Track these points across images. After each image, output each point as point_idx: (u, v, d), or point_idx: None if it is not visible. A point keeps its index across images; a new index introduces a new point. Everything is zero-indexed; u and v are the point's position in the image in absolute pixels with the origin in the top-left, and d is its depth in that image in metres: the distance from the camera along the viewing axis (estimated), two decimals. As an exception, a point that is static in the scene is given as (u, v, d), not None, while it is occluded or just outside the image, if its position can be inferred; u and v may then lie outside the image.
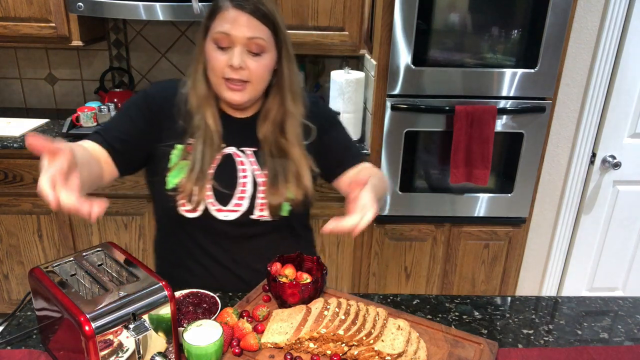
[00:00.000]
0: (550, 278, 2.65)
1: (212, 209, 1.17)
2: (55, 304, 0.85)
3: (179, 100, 1.18)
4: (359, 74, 2.19)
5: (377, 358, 0.94)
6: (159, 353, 0.89)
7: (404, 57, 1.99)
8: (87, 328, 0.78)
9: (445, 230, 2.27)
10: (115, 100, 2.38)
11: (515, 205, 2.23)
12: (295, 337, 0.96)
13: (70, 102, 2.65)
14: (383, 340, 0.96)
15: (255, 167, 1.20)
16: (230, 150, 1.20)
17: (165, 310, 0.88)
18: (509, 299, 1.22)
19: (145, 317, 0.85)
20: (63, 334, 0.87)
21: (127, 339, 0.84)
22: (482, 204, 2.22)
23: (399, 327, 1.00)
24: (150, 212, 2.20)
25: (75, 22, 2.20)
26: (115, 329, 0.82)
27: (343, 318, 1.00)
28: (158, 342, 0.89)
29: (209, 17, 1.13)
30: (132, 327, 0.83)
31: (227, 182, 1.18)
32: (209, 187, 1.16)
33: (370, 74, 2.16)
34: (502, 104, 2.07)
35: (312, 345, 0.97)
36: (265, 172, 1.19)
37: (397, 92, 2.05)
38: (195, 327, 0.91)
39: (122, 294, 0.85)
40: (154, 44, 2.56)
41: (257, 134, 1.20)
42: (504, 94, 2.07)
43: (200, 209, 1.16)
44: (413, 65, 2.01)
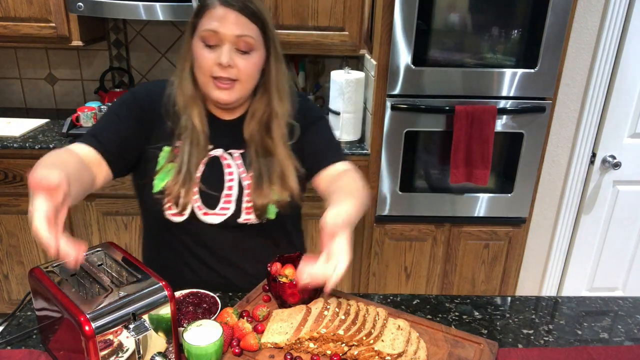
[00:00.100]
0: (550, 278, 2.65)
1: (199, 213, 1.16)
2: (55, 304, 0.85)
3: (167, 101, 1.16)
4: (359, 74, 2.19)
5: (377, 358, 0.94)
6: (159, 353, 0.89)
7: (404, 57, 1.99)
8: (87, 328, 0.78)
9: (445, 230, 2.27)
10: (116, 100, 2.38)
11: (515, 205, 2.23)
12: (295, 337, 0.96)
13: (70, 102, 2.65)
14: (383, 340, 0.96)
15: (242, 169, 1.18)
16: (217, 153, 1.18)
17: (165, 310, 0.88)
18: (509, 299, 1.22)
19: (145, 317, 0.85)
20: (63, 334, 0.87)
21: (127, 339, 0.84)
22: (482, 204, 2.22)
23: (399, 327, 1.00)
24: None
25: (75, 22, 2.20)
26: (115, 329, 0.82)
27: (343, 318, 1.00)
28: (158, 342, 0.89)
29: (197, 14, 1.11)
30: (132, 327, 0.83)
31: (214, 185, 1.17)
32: (196, 190, 1.15)
33: (370, 74, 2.16)
34: (502, 104, 2.07)
35: (312, 345, 0.97)
36: (251, 173, 1.17)
37: (397, 92, 2.05)
38: (195, 327, 0.91)
39: (122, 294, 0.85)
40: (154, 44, 2.56)
41: (244, 134, 1.19)
42: (504, 94, 2.07)
43: (187, 213, 1.15)
44: (413, 65, 2.01)
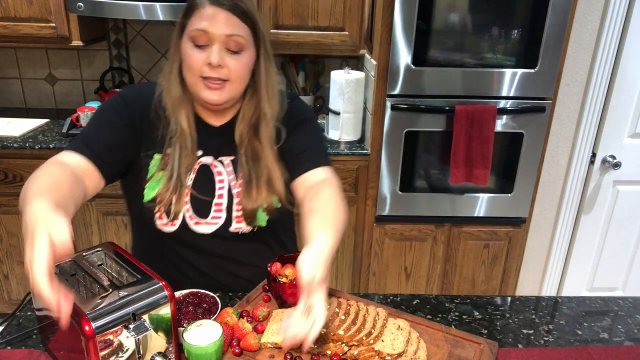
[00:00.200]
0: (550, 278, 2.65)
1: (190, 223, 1.15)
2: (55, 304, 0.85)
3: (157, 105, 1.13)
4: (359, 74, 2.19)
5: (377, 358, 0.94)
6: (159, 353, 0.89)
7: (404, 57, 1.99)
8: (87, 328, 0.78)
9: (445, 230, 2.27)
10: (115, 100, 2.38)
11: (515, 205, 2.23)
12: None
13: (70, 102, 2.65)
14: (383, 340, 0.96)
15: (232, 177, 1.17)
16: (207, 161, 1.16)
17: (165, 310, 0.88)
18: (509, 299, 1.22)
19: (145, 317, 0.85)
20: (63, 334, 0.87)
21: (127, 339, 0.84)
22: (482, 204, 2.22)
23: (399, 327, 1.00)
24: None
25: (75, 22, 2.20)
26: (115, 329, 0.82)
27: (343, 318, 1.00)
28: (158, 342, 0.89)
29: (185, 14, 1.09)
30: (132, 327, 0.83)
31: (205, 193, 1.15)
32: (187, 197, 1.13)
33: (370, 74, 2.16)
34: (502, 104, 2.07)
35: (312, 345, 0.96)
36: (241, 178, 1.16)
37: (397, 92, 2.05)
38: (195, 327, 0.91)
39: (122, 294, 0.85)
40: (154, 44, 2.56)
41: (234, 139, 1.16)
42: (504, 94, 2.07)
43: (178, 223, 1.14)
44: (413, 65, 2.01)
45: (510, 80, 2.04)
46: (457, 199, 2.21)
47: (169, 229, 1.15)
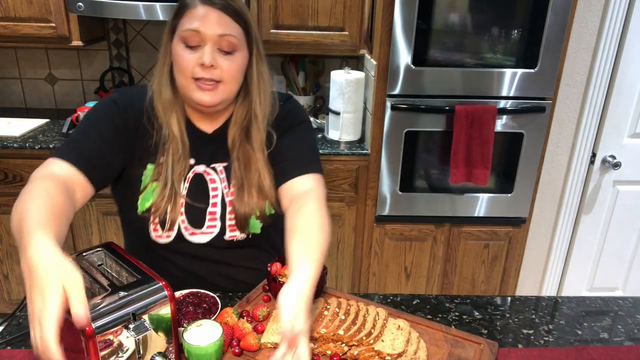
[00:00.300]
0: (550, 278, 2.65)
1: (185, 234, 1.14)
2: (55, 304, 0.84)
3: (148, 109, 1.11)
4: (359, 74, 2.19)
5: (377, 358, 0.94)
6: (159, 353, 0.89)
7: (404, 57, 1.99)
8: (87, 328, 0.78)
9: (445, 230, 2.27)
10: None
11: (515, 205, 2.23)
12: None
13: (70, 102, 2.65)
14: (383, 340, 0.96)
15: (225, 184, 1.15)
16: (201, 169, 1.15)
17: (165, 310, 0.88)
18: (509, 299, 1.22)
19: (145, 317, 0.85)
20: (63, 334, 0.87)
21: (127, 339, 0.84)
22: (482, 204, 2.22)
23: (399, 327, 1.00)
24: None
25: (75, 22, 2.20)
26: (115, 329, 0.82)
27: (343, 318, 1.00)
28: (158, 342, 0.89)
29: (176, 15, 1.07)
30: (132, 327, 0.83)
31: (199, 202, 1.14)
32: (182, 205, 1.12)
33: (370, 74, 2.16)
34: (502, 104, 2.07)
35: (312, 345, 0.97)
36: (234, 186, 1.14)
37: (397, 92, 2.05)
38: (195, 327, 0.91)
39: (122, 294, 0.85)
40: (154, 44, 2.56)
41: (226, 145, 1.15)
42: (504, 94, 2.07)
43: (173, 235, 1.13)
44: (413, 65, 2.01)
45: (510, 80, 2.04)
46: (457, 199, 2.21)
47: (164, 241, 1.14)
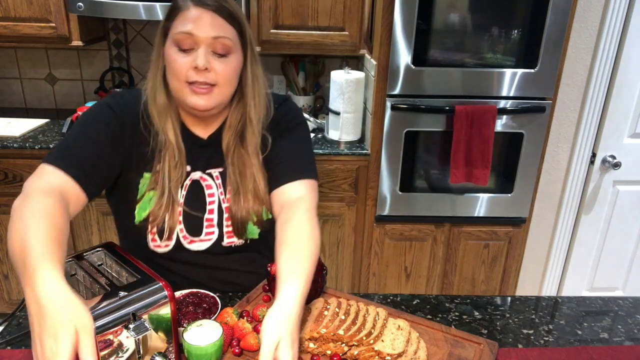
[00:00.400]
0: (550, 278, 2.65)
1: (184, 242, 1.13)
2: (55, 304, 0.84)
3: (143, 115, 1.09)
4: (359, 74, 2.19)
5: (377, 358, 0.94)
6: (159, 353, 0.89)
7: (404, 57, 1.99)
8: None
9: (445, 230, 2.27)
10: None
11: (515, 205, 2.23)
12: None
13: (70, 102, 2.65)
14: (383, 340, 0.96)
15: (221, 190, 1.15)
16: (197, 176, 1.14)
17: (165, 310, 0.88)
18: (509, 299, 1.22)
19: (145, 317, 0.85)
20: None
21: (127, 339, 0.84)
22: (482, 204, 2.22)
23: (399, 327, 1.00)
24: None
25: (75, 22, 2.20)
26: (115, 329, 0.82)
27: (343, 318, 1.00)
28: (158, 342, 0.89)
29: (168, 17, 1.05)
30: (132, 327, 0.83)
31: (196, 209, 1.13)
32: (180, 213, 1.11)
33: (370, 74, 2.16)
34: (502, 104, 2.07)
35: (312, 345, 0.97)
36: (229, 192, 1.14)
37: (397, 92, 2.05)
38: (195, 327, 0.91)
39: (122, 294, 0.85)
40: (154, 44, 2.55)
41: (221, 150, 1.14)
42: (504, 94, 2.07)
43: (172, 244, 1.12)
44: (413, 65, 2.01)
45: (510, 80, 2.04)
46: (457, 199, 2.21)
47: (163, 250, 1.13)
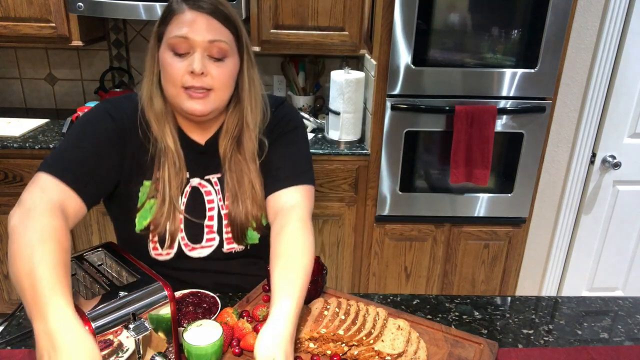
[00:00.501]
0: (550, 278, 2.65)
1: (185, 250, 1.13)
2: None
3: (141, 121, 1.08)
4: (359, 74, 2.19)
5: (377, 358, 0.94)
6: (159, 353, 0.89)
7: (404, 57, 1.99)
8: (87, 328, 0.78)
9: (445, 230, 2.27)
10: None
11: (515, 205, 2.23)
12: (296, 337, 0.96)
13: (71, 102, 2.65)
14: (383, 340, 0.96)
15: (220, 196, 1.14)
16: (196, 182, 1.13)
17: (165, 310, 0.88)
18: (509, 299, 1.22)
19: (146, 317, 0.85)
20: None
21: (127, 339, 0.84)
22: (482, 204, 2.22)
23: (399, 327, 1.00)
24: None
25: (75, 22, 2.20)
26: (115, 329, 0.82)
27: (343, 318, 1.00)
28: (158, 342, 0.89)
29: (162, 21, 1.03)
30: (132, 327, 0.83)
31: (197, 216, 1.13)
32: (181, 224, 1.11)
33: (370, 74, 2.16)
34: (502, 104, 2.06)
35: (312, 345, 0.97)
36: (228, 199, 1.13)
37: (397, 92, 2.05)
38: (195, 327, 0.91)
39: (122, 294, 0.85)
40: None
41: (219, 155, 1.13)
42: (504, 94, 2.07)
43: (173, 252, 1.12)
44: (413, 65, 2.01)
45: (510, 80, 2.04)
46: (457, 199, 2.21)
47: (164, 258, 1.13)
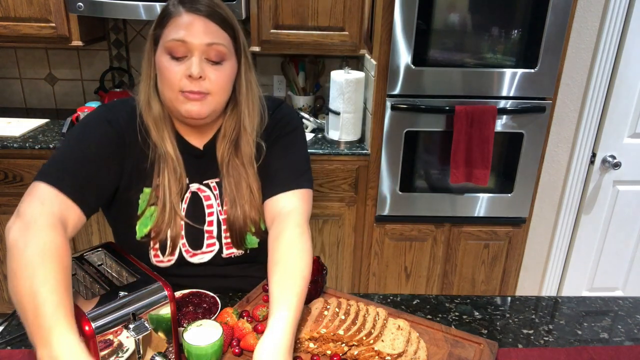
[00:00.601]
0: (550, 278, 2.65)
1: (186, 256, 1.13)
2: (55, 304, 0.84)
3: (139, 127, 1.07)
4: (359, 74, 2.19)
5: (377, 358, 0.94)
6: (159, 353, 0.89)
7: (404, 57, 1.99)
8: (87, 328, 0.78)
9: (445, 230, 2.27)
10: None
11: (515, 205, 2.23)
12: (296, 337, 0.96)
13: (71, 102, 2.65)
14: (383, 340, 0.96)
15: (218, 201, 1.14)
16: (195, 187, 1.13)
17: (165, 310, 0.88)
18: (509, 299, 1.22)
19: (146, 317, 0.85)
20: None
21: (127, 339, 0.84)
22: (482, 204, 2.22)
23: (399, 327, 1.00)
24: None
25: (75, 22, 2.20)
26: (115, 329, 0.82)
27: (343, 318, 1.00)
28: (158, 342, 0.89)
29: (159, 24, 1.02)
30: (132, 327, 0.83)
31: (197, 221, 1.13)
32: (182, 227, 1.11)
33: (370, 74, 2.16)
34: (502, 104, 2.06)
35: (312, 345, 0.97)
36: (226, 204, 1.13)
37: (397, 92, 2.05)
38: (195, 327, 0.91)
39: (122, 294, 0.85)
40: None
41: (217, 159, 1.12)
42: (504, 94, 2.07)
43: (174, 259, 1.12)
44: (413, 65, 2.01)
45: (510, 80, 2.04)
46: (457, 199, 2.21)
47: (165, 265, 1.13)
